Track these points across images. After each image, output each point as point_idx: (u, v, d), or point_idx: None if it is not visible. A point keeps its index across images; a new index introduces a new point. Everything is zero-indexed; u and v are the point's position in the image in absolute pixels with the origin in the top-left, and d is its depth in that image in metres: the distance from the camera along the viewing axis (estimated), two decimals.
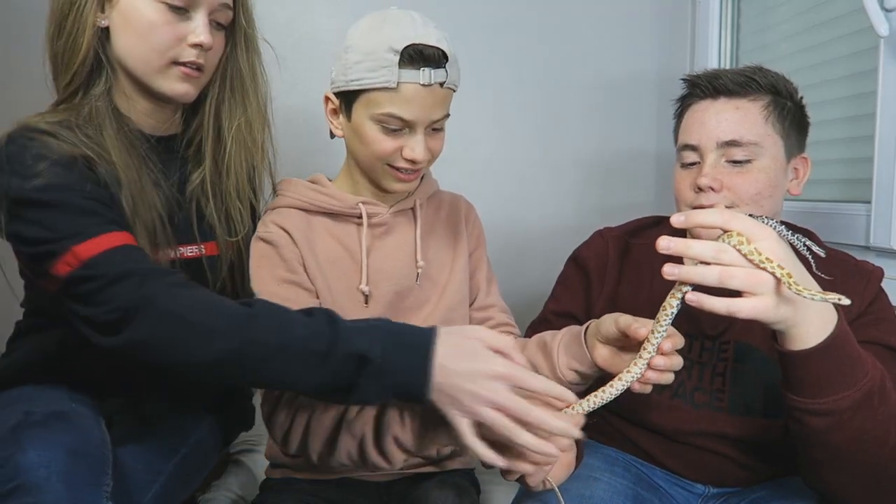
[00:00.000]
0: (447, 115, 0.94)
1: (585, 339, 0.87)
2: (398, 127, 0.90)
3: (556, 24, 1.72)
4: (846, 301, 0.65)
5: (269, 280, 0.92)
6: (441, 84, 0.89)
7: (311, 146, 1.66)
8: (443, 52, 0.88)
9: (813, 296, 0.64)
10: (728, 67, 1.64)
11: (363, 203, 0.96)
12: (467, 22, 1.66)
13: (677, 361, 0.78)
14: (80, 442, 0.80)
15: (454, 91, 0.94)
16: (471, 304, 1.06)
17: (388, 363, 0.73)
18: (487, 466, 0.78)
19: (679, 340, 0.78)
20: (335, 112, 0.96)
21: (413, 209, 1.01)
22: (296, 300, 0.90)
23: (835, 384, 0.72)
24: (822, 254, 0.79)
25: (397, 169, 0.93)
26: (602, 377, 0.86)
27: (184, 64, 0.90)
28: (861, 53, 1.23)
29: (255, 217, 1.06)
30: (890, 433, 0.74)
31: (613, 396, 0.78)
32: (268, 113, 1.04)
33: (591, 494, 0.89)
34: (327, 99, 0.97)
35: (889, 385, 0.75)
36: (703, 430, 0.96)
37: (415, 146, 0.90)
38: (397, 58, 0.86)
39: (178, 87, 0.92)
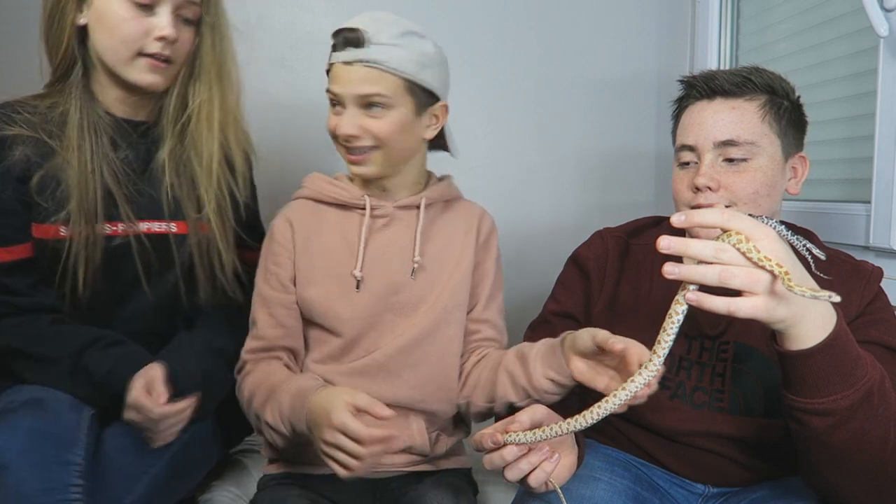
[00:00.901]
0: (380, 95, 0.97)
1: (563, 350, 0.90)
2: (335, 101, 1.01)
3: (556, 24, 1.72)
4: (836, 298, 0.65)
5: (261, 269, 1.07)
6: (363, 62, 0.96)
7: (312, 146, 1.66)
8: (360, 32, 0.96)
9: (804, 292, 0.64)
10: (727, 68, 1.64)
11: (368, 195, 1.04)
12: (467, 22, 1.66)
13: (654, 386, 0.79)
14: (44, 424, 0.86)
15: (394, 74, 0.97)
16: (469, 312, 1.08)
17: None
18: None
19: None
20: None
21: (418, 207, 1.04)
22: (268, 294, 1.04)
23: (834, 384, 0.72)
24: (822, 256, 0.79)
25: (346, 151, 1.02)
26: (580, 391, 0.89)
27: (150, 55, 1.00)
28: (861, 53, 1.23)
29: (234, 199, 1.12)
30: (889, 433, 0.74)
31: (616, 406, 0.76)
32: (239, 98, 1.12)
33: (591, 494, 0.89)
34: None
35: (888, 385, 0.75)
36: (703, 430, 0.96)
37: (341, 121, 0.99)
38: (331, 42, 1.00)
39: (146, 77, 1.01)
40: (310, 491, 0.99)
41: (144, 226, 1.04)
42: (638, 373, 0.74)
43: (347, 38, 0.97)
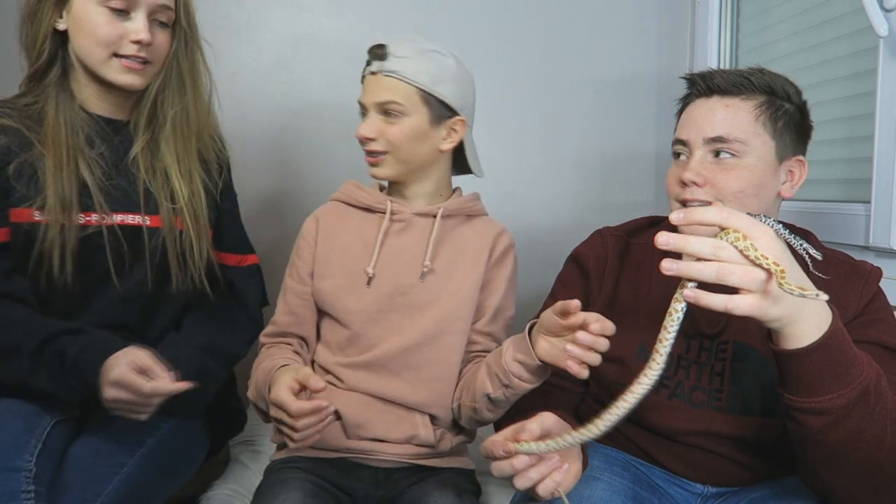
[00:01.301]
0: (396, 103, 1.05)
1: (530, 335, 0.93)
2: (360, 111, 1.10)
3: (556, 24, 1.73)
4: (824, 297, 0.66)
5: (290, 264, 1.16)
6: (384, 73, 1.05)
7: (311, 146, 1.67)
8: (384, 47, 1.05)
9: (792, 290, 0.64)
10: (727, 67, 1.64)
11: (391, 201, 1.11)
12: (467, 22, 1.66)
13: (602, 343, 0.82)
14: None
15: (410, 84, 1.05)
16: (474, 323, 1.11)
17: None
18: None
19: (609, 326, 0.82)
20: None
21: (435, 215, 1.10)
22: (287, 283, 1.14)
23: (830, 383, 0.72)
24: (818, 256, 0.79)
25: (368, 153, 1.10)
26: (595, 392, 0.89)
27: (126, 57, 1.05)
28: (860, 53, 1.23)
29: (211, 198, 1.16)
30: (886, 432, 0.74)
31: (625, 412, 0.75)
32: (211, 103, 1.18)
33: (591, 494, 0.89)
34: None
35: (885, 384, 0.75)
36: (702, 429, 0.96)
37: (362, 127, 1.08)
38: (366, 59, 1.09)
39: (123, 77, 1.06)
40: (314, 475, 1.02)
41: (118, 217, 1.07)
42: (643, 373, 0.74)
43: (374, 53, 1.07)
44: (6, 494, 0.84)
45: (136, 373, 0.92)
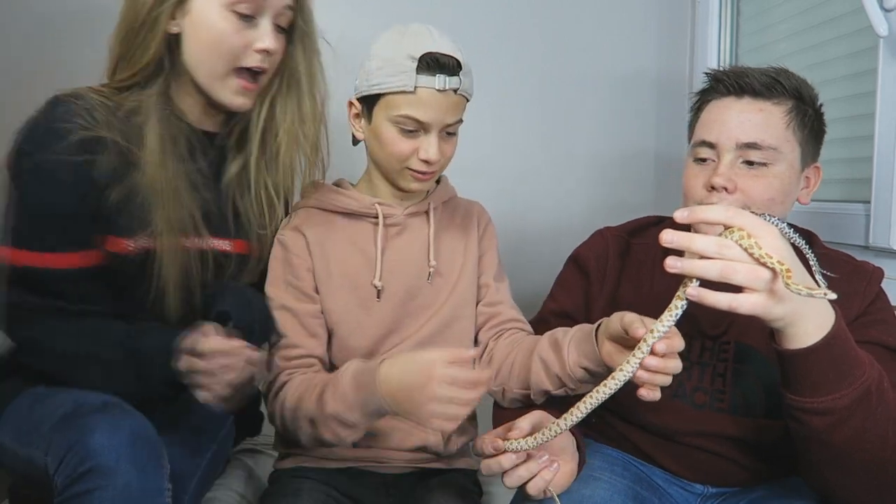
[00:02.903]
0: (460, 121, 1.01)
1: (596, 336, 0.88)
2: (414, 128, 0.97)
3: (556, 24, 1.72)
4: (832, 295, 0.65)
5: (278, 282, 1.03)
6: (455, 90, 0.96)
7: None
8: (457, 60, 0.96)
9: (800, 290, 0.64)
10: (730, 66, 1.63)
11: (379, 204, 1.03)
12: (467, 22, 1.66)
13: (673, 365, 0.76)
14: (138, 426, 0.82)
15: (467, 99, 1.00)
16: (480, 302, 1.10)
17: None
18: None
19: (678, 342, 0.76)
20: (357, 116, 1.04)
21: (427, 212, 1.07)
22: (295, 307, 1.01)
23: (832, 383, 0.72)
24: (813, 261, 0.79)
25: (414, 170, 0.99)
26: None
27: (248, 70, 0.95)
28: (860, 53, 1.23)
29: (287, 212, 1.10)
30: (889, 432, 0.74)
31: (606, 397, 0.76)
32: (324, 112, 1.07)
33: (591, 494, 0.89)
34: (350, 104, 1.04)
35: (887, 384, 0.75)
36: (704, 430, 0.96)
37: (429, 147, 0.97)
38: (415, 64, 0.94)
39: (237, 99, 0.97)
40: (322, 484, 1.00)
41: (214, 242, 0.99)
42: (626, 361, 0.74)
43: (443, 64, 0.94)
44: (156, 492, 0.80)
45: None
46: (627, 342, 0.83)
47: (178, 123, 0.97)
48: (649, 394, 0.77)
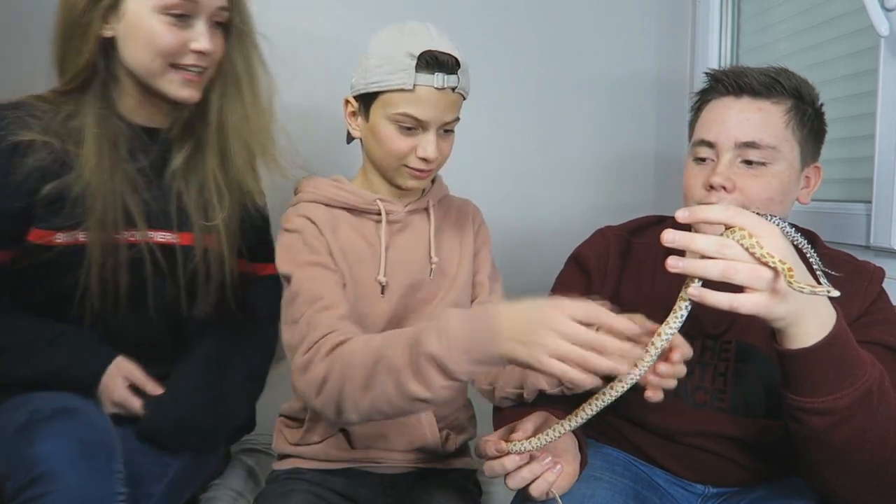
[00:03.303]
0: (457, 119, 1.00)
1: None
2: (412, 126, 0.96)
3: (556, 24, 1.72)
4: (835, 293, 0.65)
5: (297, 262, 0.96)
6: (453, 89, 0.96)
7: (310, 146, 1.66)
8: (455, 59, 0.96)
9: (802, 288, 0.64)
10: (731, 66, 1.63)
11: (381, 200, 1.02)
12: (466, 22, 1.66)
13: (681, 370, 0.77)
14: (87, 432, 0.84)
15: (464, 98, 1.01)
16: (474, 301, 1.09)
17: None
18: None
19: (688, 350, 0.77)
20: (354, 115, 1.03)
21: (427, 209, 1.07)
22: (322, 279, 0.94)
23: (833, 383, 0.72)
24: (815, 260, 0.78)
25: (412, 168, 0.99)
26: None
27: (185, 68, 0.97)
28: (861, 53, 1.23)
29: (253, 209, 1.10)
30: (889, 432, 0.74)
31: (613, 399, 0.75)
32: (271, 106, 1.08)
33: (592, 494, 0.88)
34: (347, 102, 1.04)
35: (888, 384, 0.75)
36: (704, 430, 0.96)
37: (427, 146, 0.97)
38: (414, 62, 0.94)
39: (182, 91, 0.98)
40: (319, 486, 1.00)
41: (155, 235, 1.01)
42: (634, 364, 0.73)
43: (441, 62, 0.95)
44: (106, 497, 0.82)
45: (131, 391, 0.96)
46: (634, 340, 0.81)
47: (119, 124, 0.99)
48: (655, 395, 0.78)
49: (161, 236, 1.02)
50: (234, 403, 1.06)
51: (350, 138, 1.06)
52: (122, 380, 0.97)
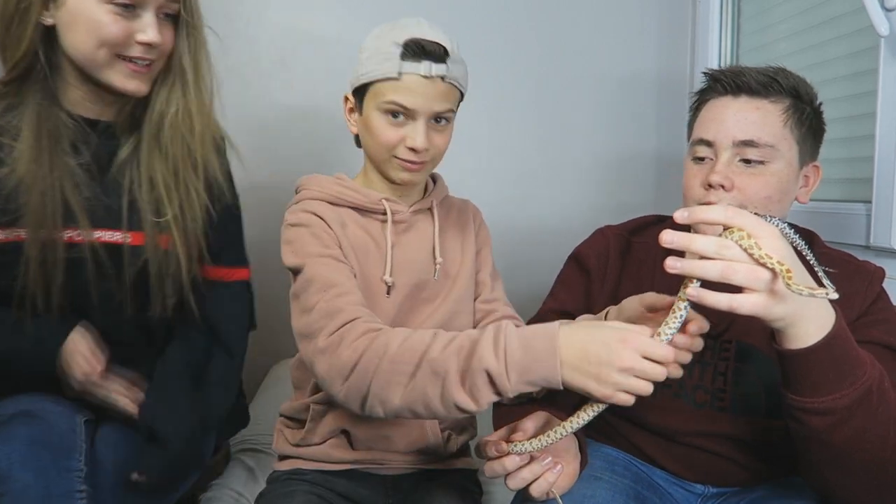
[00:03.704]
0: (451, 111, 0.98)
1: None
2: (400, 112, 0.95)
3: (556, 24, 1.72)
4: (834, 295, 0.65)
5: (306, 253, 0.94)
6: (442, 77, 0.94)
7: (310, 146, 1.66)
8: (444, 48, 0.94)
9: (801, 290, 0.64)
10: (732, 66, 1.64)
11: (386, 200, 1.01)
12: (466, 22, 1.66)
13: (698, 343, 0.75)
14: (41, 432, 0.85)
15: (459, 89, 0.99)
16: (477, 299, 1.10)
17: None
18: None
19: (704, 324, 0.75)
20: (352, 111, 1.03)
21: (431, 209, 1.07)
22: (335, 268, 0.92)
23: (833, 383, 0.72)
24: (813, 261, 0.78)
25: (402, 159, 0.98)
26: None
27: (131, 59, 0.93)
28: (861, 53, 1.23)
29: (206, 211, 1.05)
30: (889, 432, 0.74)
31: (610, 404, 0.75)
32: (213, 103, 1.05)
33: (593, 494, 0.88)
34: (346, 99, 1.04)
35: (888, 384, 0.75)
36: (705, 429, 0.96)
37: (416, 135, 0.95)
38: (399, 50, 0.93)
39: (129, 83, 0.95)
40: (320, 487, 1.00)
41: (100, 234, 0.97)
42: None
43: (428, 51, 0.93)
44: (62, 495, 0.83)
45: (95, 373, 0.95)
46: (647, 320, 0.81)
47: (60, 115, 0.95)
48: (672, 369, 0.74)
49: (109, 235, 0.98)
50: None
51: (358, 141, 1.06)
52: (83, 355, 0.95)
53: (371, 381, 0.80)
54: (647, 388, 0.72)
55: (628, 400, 0.72)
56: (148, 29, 0.92)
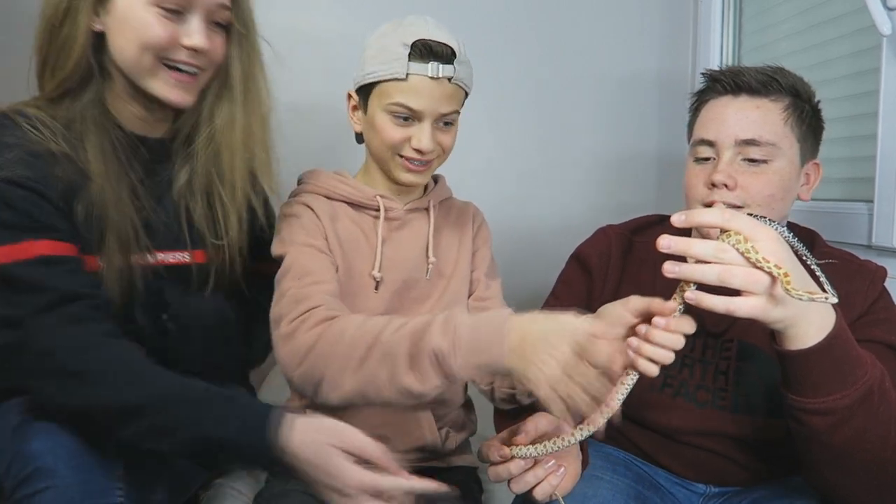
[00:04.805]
0: (457, 112, 0.99)
1: None
2: (407, 115, 0.95)
3: (556, 24, 1.72)
4: (833, 299, 0.65)
5: (291, 242, 0.95)
6: (449, 79, 0.94)
7: (309, 146, 1.66)
8: (451, 49, 0.95)
9: (800, 295, 0.64)
10: (733, 65, 1.64)
11: (381, 196, 1.02)
12: (467, 22, 1.65)
13: (679, 341, 0.72)
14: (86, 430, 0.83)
15: (465, 91, 0.99)
16: (471, 296, 1.09)
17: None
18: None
19: (690, 324, 0.73)
20: (355, 108, 1.03)
21: (427, 209, 1.07)
22: (314, 257, 0.94)
23: (834, 383, 0.72)
24: (813, 265, 0.78)
25: (407, 159, 0.98)
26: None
27: (176, 66, 0.91)
28: (863, 52, 1.23)
29: (256, 220, 1.06)
30: (890, 432, 0.74)
31: (617, 406, 0.75)
32: (269, 116, 1.04)
33: (594, 493, 0.88)
34: (349, 97, 1.04)
35: (888, 384, 0.75)
36: (706, 429, 0.96)
37: (421, 136, 0.96)
38: (407, 51, 0.93)
39: (172, 93, 0.92)
40: None
41: (165, 256, 0.95)
42: (626, 372, 0.74)
43: (436, 52, 0.93)
44: (105, 491, 0.80)
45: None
46: (630, 327, 0.79)
47: (117, 132, 0.93)
48: (651, 367, 0.73)
49: (173, 256, 0.96)
50: None
51: (360, 138, 1.06)
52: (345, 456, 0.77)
53: (324, 367, 0.80)
54: (578, 394, 0.71)
55: (551, 398, 0.71)
56: (194, 34, 0.89)
